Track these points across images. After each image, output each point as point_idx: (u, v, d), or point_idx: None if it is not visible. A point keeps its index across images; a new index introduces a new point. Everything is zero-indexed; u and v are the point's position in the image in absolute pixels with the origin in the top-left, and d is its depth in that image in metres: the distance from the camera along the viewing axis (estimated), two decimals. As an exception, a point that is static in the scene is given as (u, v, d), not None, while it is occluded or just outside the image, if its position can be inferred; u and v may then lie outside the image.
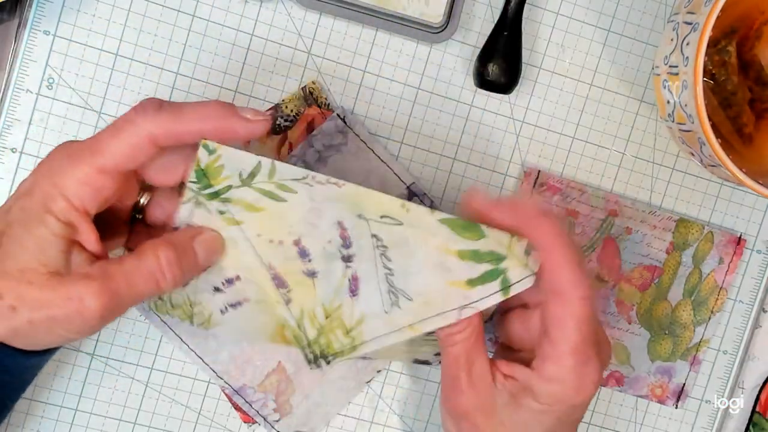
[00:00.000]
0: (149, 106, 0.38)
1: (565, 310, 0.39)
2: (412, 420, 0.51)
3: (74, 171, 0.37)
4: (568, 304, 0.39)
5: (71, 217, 0.37)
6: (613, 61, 0.50)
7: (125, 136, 0.37)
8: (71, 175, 0.37)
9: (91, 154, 0.38)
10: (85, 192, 0.37)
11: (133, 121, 0.37)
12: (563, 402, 0.40)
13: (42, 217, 0.37)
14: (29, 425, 0.48)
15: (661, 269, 0.52)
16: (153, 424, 0.49)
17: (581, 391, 0.39)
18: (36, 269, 0.37)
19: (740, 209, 0.53)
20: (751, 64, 0.48)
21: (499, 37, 0.47)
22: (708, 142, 0.41)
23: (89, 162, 0.37)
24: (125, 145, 0.37)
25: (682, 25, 0.43)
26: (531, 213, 0.40)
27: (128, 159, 0.38)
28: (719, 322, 0.53)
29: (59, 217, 0.37)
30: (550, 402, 0.40)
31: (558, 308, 0.39)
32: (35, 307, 0.36)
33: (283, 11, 0.47)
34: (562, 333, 0.39)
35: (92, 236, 0.38)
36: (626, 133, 0.51)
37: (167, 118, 0.38)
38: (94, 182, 0.38)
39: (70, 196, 0.37)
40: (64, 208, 0.37)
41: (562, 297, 0.39)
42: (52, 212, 0.37)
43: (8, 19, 0.46)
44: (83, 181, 0.37)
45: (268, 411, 0.49)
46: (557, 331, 0.39)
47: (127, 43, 0.46)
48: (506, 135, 0.50)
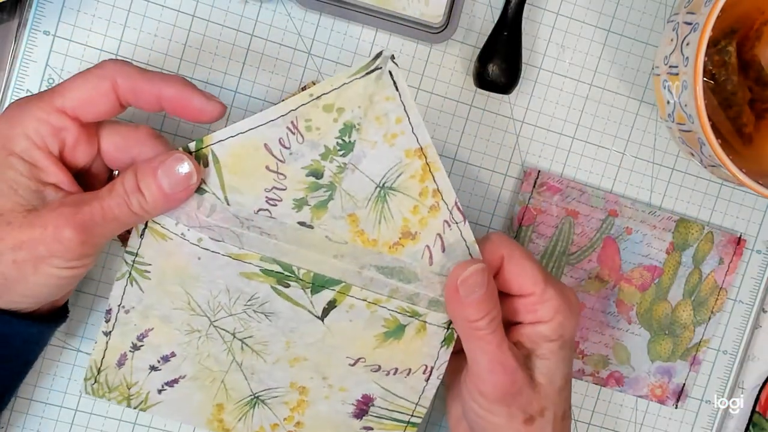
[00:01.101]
0: (119, 60, 0.39)
1: (513, 262, 0.42)
2: (412, 420, 0.51)
3: (32, 110, 0.38)
4: (513, 256, 0.42)
5: (35, 155, 0.38)
6: (613, 61, 0.50)
7: (90, 78, 0.38)
8: (29, 114, 0.38)
9: (50, 94, 0.39)
10: (44, 130, 0.38)
11: (101, 66, 0.39)
12: (567, 328, 0.42)
13: (7, 159, 0.38)
14: (29, 425, 0.48)
15: (661, 269, 0.52)
16: (153, 425, 0.49)
17: (573, 311, 0.43)
18: (12, 210, 0.37)
19: (740, 209, 0.53)
20: (751, 64, 0.48)
21: (499, 37, 0.47)
22: (708, 142, 0.41)
23: (48, 101, 0.38)
24: (88, 88, 0.38)
25: (682, 25, 0.43)
26: None
27: (88, 103, 0.38)
28: (719, 322, 0.53)
29: (23, 156, 0.38)
30: (561, 333, 0.42)
31: (509, 265, 0.42)
32: (16, 246, 0.37)
33: (283, 11, 0.47)
34: (526, 274, 0.42)
35: (63, 176, 0.39)
36: (626, 133, 0.51)
37: (134, 71, 0.39)
38: (53, 121, 0.38)
39: (30, 134, 0.38)
40: (26, 148, 0.38)
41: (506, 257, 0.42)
42: (14, 153, 0.38)
43: (8, 19, 0.46)
44: (41, 119, 0.38)
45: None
46: (521, 278, 0.42)
47: (127, 43, 0.46)
48: (506, 135, 0.50)
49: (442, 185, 0.40)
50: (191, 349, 0.44)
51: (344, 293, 0.42)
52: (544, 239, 0.50)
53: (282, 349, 0.44)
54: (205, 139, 0.39)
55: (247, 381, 0.44)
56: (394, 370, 0.44)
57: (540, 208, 0.50)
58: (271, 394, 0.45)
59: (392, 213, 0.40)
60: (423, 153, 0.39)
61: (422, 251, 0.41)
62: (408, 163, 0.39)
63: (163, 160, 0.39)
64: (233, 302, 0.42)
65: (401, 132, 0.39)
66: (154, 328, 0.43)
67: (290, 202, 0.40)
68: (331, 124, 0.38)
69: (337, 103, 0.38)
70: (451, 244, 0.41)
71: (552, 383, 0.43)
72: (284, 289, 0.42)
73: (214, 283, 0.42)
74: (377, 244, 0.41)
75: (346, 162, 0.39)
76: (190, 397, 0.45)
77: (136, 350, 0.44)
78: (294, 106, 0.38)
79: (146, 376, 0.44)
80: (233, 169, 0.39)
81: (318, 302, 0.42)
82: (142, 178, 0.38)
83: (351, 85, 0.37)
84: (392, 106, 0.38)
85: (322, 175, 0.39)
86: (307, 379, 0.44)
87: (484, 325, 0.41)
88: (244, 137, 0.39)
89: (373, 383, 0.45)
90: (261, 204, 0.40)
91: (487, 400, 0.42)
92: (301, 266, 0.41)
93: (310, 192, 0.40)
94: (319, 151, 0.39)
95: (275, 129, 0.38)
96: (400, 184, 0.40)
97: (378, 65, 0.37)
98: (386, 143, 0.39)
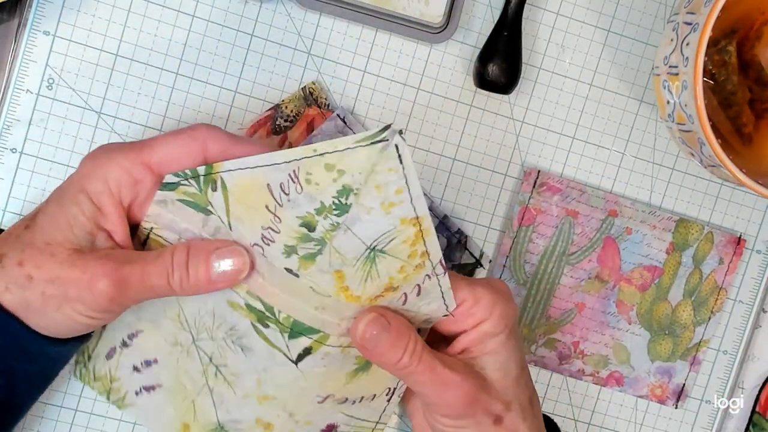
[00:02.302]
0: (212, 126, 0.40)
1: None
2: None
3: (119, 158, 0.39)
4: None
5: (104, 200, 0.39)
6: (613, 61, 0.50)
7: (182, 138, 0.39)
8: (115, 161, 0.39)
9: (140, 146, 0.39)
10: (123, 179, 0.39)
11: (194, 128, 0.39)
12: (508, 315, 0.42)
13: (76, 196, 0.38)
14: (29, 425, 0.48)
15: (661, 269, 0.52)
16: (153, 425, 0.49)
17: (506, 295, 0.42)
18: (61, 244, 0.38)
19: (740, 209, 0.53)
20: (751, 64, 0.48)
21: (499, 37, 0.47)
22: (708, 142, 0.41)
23: (137, 152, 0.39)
24: (178, 146, 0.39)
25: (682, 25, 0.43)
26: None
27: (176, 161, 0.39)
28: (719, 322, 0.53)
29: (92, 198, 0.38)
30: (503, 322, 0.42)
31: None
32: (50, 280, 0.37)
33: (283, 11, 0.47)
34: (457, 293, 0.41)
35: (121, 227, 0.39)
36: (626, 133, 0.51)
37: (225, 137, 0.39)
38: (135, 173, 0.39)
39: (108, 179, 0.39)
40: (98, 191, 0.39)
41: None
42: (86, 192, 0.38)
43: (8, 19, 0.45)
44: (125, 168, 0.39)
45: None
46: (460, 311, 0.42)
47: (127, 44, 0.46)
48: (506, 135, 0.50)
49: (431, 248, 0.40)
50: (172, 361, 0.44)
51: (321, 342, 0.42)
52: (544, 239, 0.50)
53: (253, 386, 0.44)
54: (215, 166, 0.39)
55: (215, 408, 0.45)
56: (360, 398, 0.45)
57: (540, 208, 0.50)
58: (236, 426, 0.45)
59: (379, 273, 0.40)
60: (418, 221, 0.39)
61: (399, 296, 0.41)
62: (402, 230, 0.39)
63: (220, 246, 0.39)
64: (216, 327, 0.43)
65: (399, 202, 0.38)
66: (144, 330, 0.44)
67: (281, 246, 0.39)
68: (330, 183, 0.38)
69: (339, 165, 0.37)
70: (427, 290, 0.41)
71: (507, 375, 0.42)
72: (263, 328, 0.42)
73: (204, 303, 0.42)
74: (360, 299, 0.41)
75: (340, 222, 0.38)
76: (162, 408, 0.45)
77: (124, 347, 0.44)
78: (297, 156, 0.38)
79: (128, 374, 0.45)
80: (239, 198, 0.39)
81: (294, 347, 0.42)
82: (194, 257, 0.39)
83: (355, 151, 0.37)
84: (394, 178, 0.37)
85: (314, 228, 0.39)
86: (274, 416, 0.45)
87: (407, 362, 0.40)
88: (251, 172, 0.39)
89: (338, 413, 0.45)
90: (257, 239, 0.40)
91: (451, 418, 0.42)
92: (282, 309, 0.41)
93: (300, 242, 0.39)
94: (315, 206, 0.38)
95: (279, 173, 0.38)
96: (391, 248, 0.39)
97: (385, 137, 0.36)
98: (383, 210, 0.38)
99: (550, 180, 0.50)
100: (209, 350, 0.43)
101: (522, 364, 0.43)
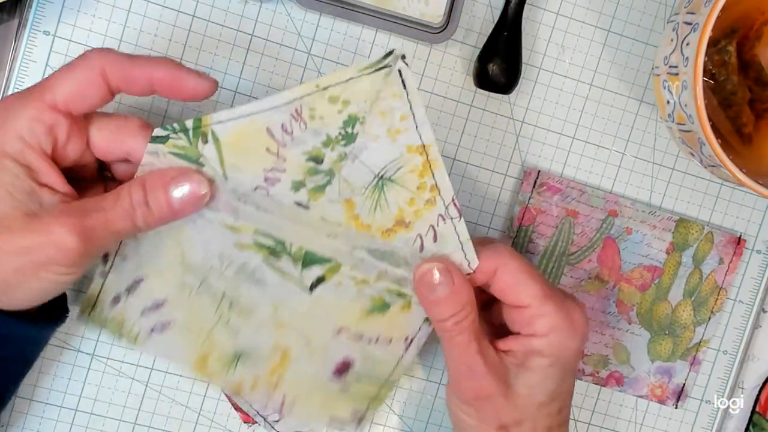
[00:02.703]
0: (105, 48, 0.39)
1: (508, 272, 0.41)
2: (412, 420, 0.51)
3: (24, 110, 0.38)
4: (508, 266, 0.41)
5: (29, 157, 0.38)
6: (613, 61, 0.50)
7: (78, 70, 0.38)
8: (22, 114, 0.38)
9: (40, 91, 0.38)
10: (38, 129, 0.38)
11: (87, 57, 0.38)
12: (565, 347, 0.41)
13: (1, 163, 0.37)
14: (29, 425, 0.48)
15: (661, 269, 0.52)
16: (153, 425, 0.49)
17: (576, 331, 0.42)
18: (10, 214, 0.37)
19: (740, 209, 0.53)
20: (751, 64, 0.48)
21: (499, 37, 0.47)
22: (708, 142, 0.41)
23: (39, 98, 0.38)
24: (77, 80, 0.38)
25: (682, 25, 0.43)
26: None
27: (79, 95, 0.38)
28: (719, 322, 0.53)
29: (17, 159, 0.37)
30: (555, 351, 0.41)
31: (504, 275, 0.41)
32: (17, 253, 0.37)
33: (283, 11, 0.47)
34: (522, 287, 0.41)
35: (57, 176, 0.38)
36: (626, 133, 0.51)
37: (122, 57, 0.38)
38: (46, 119, 0.38)
39: (24, 136, 0.37)
40: (19, 150, 0.37)
41: (502, 267, 0.41)
42: (8, 156, 0.37)
43: (8, 19, 0.45)
44: (34, 117, 0.37)
45: (268, 411, 0.49)
46: (516, 290, 0.41)
47: (127, 44, 0.46)
48: (506, 135, 0.50)
49: (440, 182, 0.40)
50: (182, 299, 0.44)
51: (334, 271, 0.43)
52: (544, 239, 0.50)
53: (268, 315, 0.44)
54: (205, 119, 0.39)
55: (232, 338, 0.45)
56: (376, 338, 0.45)
57: (540, 208, 0.50)
58: (255, 353, 0.45)
59: (388, 202, 0.41)
60: (425, 150, 0.40)
61: (414, 239, 0.42)
62: (409, 158, 0.40)
63: (175, 175, 0.39)
64: (225, 267, 0.43)
65: (405, 129, 0.39)
66: (146, 277, 0.44)
67: (288, 183, 0.40)
68: (336, 114, 0.39)
69: (343, 96, 0.38)
70: (444, 236, 0.42)
71: (532, 397, 0.42)
72: (275, 261, 0.43)
73: (208, 248, 0.42)
74: (371, 228, 0.41)
75: (347, 152, 0.39)
76: (176, 343, 0.45)
77: (129, 294, 0.44)
78: (299, 95, 0.38)
79: (138, 316, 0.44)
80: (233, 147, 0.39)
81: (307, 276, 0.43)
82: (152, 191, 0.38)
83: (359, 80, 0.38)
84: (398, 104, 0.38)
85: (322, 161, 0.40)
86: (291, 342, 0.45)
87: (450, 326, 0.41)
88: (246, 119, 0.39)
89: (354, 349, 0.45)
90: (259, 182, 0.40)
91: (459, 399, 0.42)
92: (293, 242, 0.42)
93: (308, 176, 0.40)
94: (321, 139, 0.39)
95: (279, 115, 0.38)
96: (399, 176, 0.40)
97: (388, 63, 0.37)
98: (389, 138, 0.39)
99: (550, 180, 0.50)
100: (221, 287, 0.44)
101: (554, 395, 0.42)
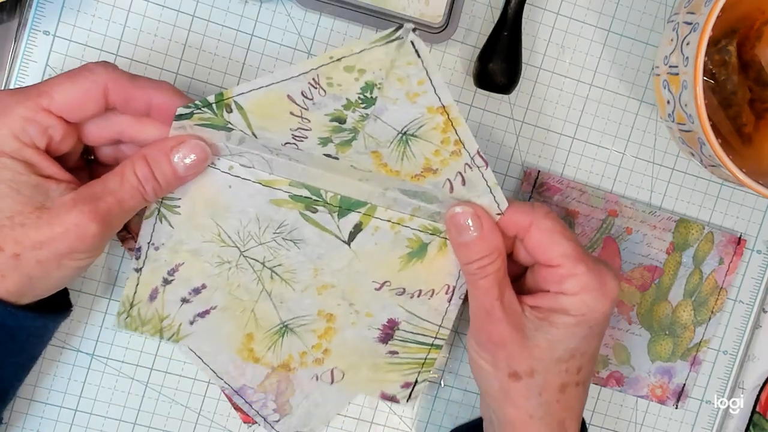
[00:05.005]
0: (108, 63, 0.39)
1: (541, 230, 0.41)
2: (412, 420, 0.51)
3: (18, 109, 0.38)
4: (542, 224, 0.41)
5: (26, 153, 0.38)
6: (613, 61, 0.50)
7: (81, 82, 0.38)
8: (15, 113, 0.38)
9: (36, 95, 0.38)
10: (30, 129, 0.38)
11: (92, 70, 0.39)
12: (593, 309, 0.41)
13: (1, 162, 0.38)
14: (29, 425, 0.48)
15: (662, 269, 0.52)
16: (153, 425, 0.49)
17: (606, 294, 0.41)
18: (21, 211, 0.37)
19: (740, 209, 0.53)
20: (751, 64, 0.48)
21: (499, 37, 0.47)
22: (708, 142, 0.41)
23: (34, 101, 0.38)
24: (78, 91, 0.38)
25: (682, 25, 0.43)
26: None
27: (77, 106, 0.38)
28: (719, 322, 0.53)
29: (15, 156, 0.38)
30: (583, 311, 0.41)
31: (537, 233, 0.41)
32: (36, 247, 0.37)
33: (283, 11, 0.47)
34: (554, 246, 0.41)
35: (54, 167, 0.39)
36: (626, 133, 0.51)
37: (126, 78, 0.39)
38: (40, 120, 0.38)
39: (18, 134, 0.38)
40: (16, 148, 0.38)
41: (536, 223, 0.41)
42: (5, 154, 0.38)
43: (8, 19, 0.46)
44: (28, 118, 0.38)
45: (268, 411, 0.49)
46: (548, 249, 0.41)
47: (127, 44, 0.46)
48: (506, 135, 0.50)
49: (464, 136, 0.41)
50: (221, 281, 0.45)
51: (370, 215, 0.44)
52: (544, 239, 0.50)
53: (310, 277, 0.45)
54: (226, 93, 0.39)
55: (276, 310, 0.45)
56: (418, 292, 0.45)
57: (540, 208, 0.50)
58: (300, 322, 0.46)
59: (414, 154, 0.41)
60: (445, 110, 0.40)
61: (443, 182, 0.42)
62: (430, 117, 0.40)
63: (174, 144, 0.40)
64: (263, 231, 0.44)
65: (423, 92, 0.39)
66: (184, 262, 0.44)
67: (315, 139, 0.41)
68: (353, 82, 0.39)
69: (358, 65, 0.39)
70: (472, 181, 0.42)
71: (551, 350, 0.42)
72: (312, 214, 0.43)
73: (245, 212, 0.43)
74: (400, 174, 0.42)
75: (368, 113, 0.40)
76: (220, 327, 0.46)
77: (167, 284, 0.45)
78: (315, 65, 0.39)
79: (178, 308, 0.45)
80: (258, 114, 0.40)
81: (345, 226, 0.44)
82: (155, 165, 0.39)
83: (371, 51, 0.38)
84: (414, 71, 0.39)
85: (345, 121, 0.40)
86: (335, 306, 0.46)
87: (474, 269, 0.41)
88: (265, 90, 0.39)
89: (398, 307, 0.46)
90: (288, 139, 0.41)
91: (475, 342, 0.43)
92: (328, 189, 0.43)
93: (334, 133, 0.41)
94: (342, 103, 0.40)
95: (297, 84, 0.39)
96: (422, 133, 0.41)
97: (399, 35, 0.37)
98: (408, 100, 0.40)
99: (550, 180, 0.50)
100: (260, 256, 0.44)
101: (574, 353, 0.42)
